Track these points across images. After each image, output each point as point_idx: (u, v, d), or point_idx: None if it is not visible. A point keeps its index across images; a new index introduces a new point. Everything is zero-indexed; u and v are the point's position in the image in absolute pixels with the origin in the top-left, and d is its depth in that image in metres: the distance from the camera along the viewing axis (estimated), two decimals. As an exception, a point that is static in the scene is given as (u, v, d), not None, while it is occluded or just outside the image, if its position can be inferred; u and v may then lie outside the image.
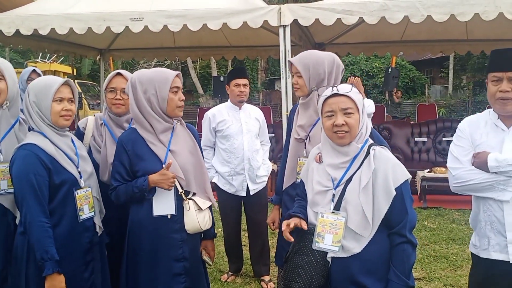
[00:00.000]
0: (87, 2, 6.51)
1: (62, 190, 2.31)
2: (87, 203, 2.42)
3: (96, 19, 6.01)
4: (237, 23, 5.79)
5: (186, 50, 9.88)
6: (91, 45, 9.55)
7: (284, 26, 5.79)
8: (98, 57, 10.22)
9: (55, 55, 12.90)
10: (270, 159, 8.24)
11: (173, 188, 2.45)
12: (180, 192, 2.49)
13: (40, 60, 14.71)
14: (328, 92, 2.09)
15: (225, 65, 20.67)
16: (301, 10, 5.71)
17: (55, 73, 15.45)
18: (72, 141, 2.49)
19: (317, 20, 5.69)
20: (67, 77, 2.63)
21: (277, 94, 20.71)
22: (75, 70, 12.81)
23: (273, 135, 9.38)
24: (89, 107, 13.30)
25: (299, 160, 2.95)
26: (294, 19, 5.73)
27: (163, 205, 2.46)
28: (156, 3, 6.21)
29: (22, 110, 2.54)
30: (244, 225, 4.45)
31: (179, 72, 2.53)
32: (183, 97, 2.55)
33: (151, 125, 2.46)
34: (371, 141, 2.14)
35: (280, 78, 5.96)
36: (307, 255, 2.08)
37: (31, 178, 2.21)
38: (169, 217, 2.46)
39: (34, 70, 4.70)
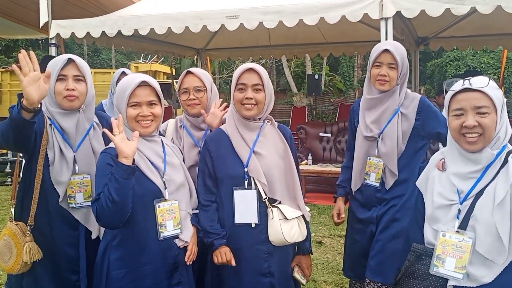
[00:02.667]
0: (184, 1, 6.57)
1: (143, 202, 2.11)
2: (172, 219, 2.16)
3: (193, 18, 6.03)
4: (335, 17, 5.50)
5: (281, 48, 9.72)
6: (189, 45, 9.74)
7: (386, 19, 5.40)
8: (195, 57, 10.40)
9: (156, 55, 13.38)
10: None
11: (255, 194, 2.25)
12: (264, 199, 2.27)
13: (142, 60, 15.37)
14: (458, 86, 1.74)
15: (320, 63, 20.31)
16: (405, 1, 5.29)
17: (155, 73, 16.08)
18: (163, 147, 2.27)
19: (422, 11, 5.25)
20: (167, 78, 2.52)
21: (373, 92, 19.97)
22: (174, 70, 13.21)
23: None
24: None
25: (369, 159, 2.77)
26: (397, 11, 5.33)
27: (245, 213, 2.24)
28: (251, 0, 6.10)
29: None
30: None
31: (251, 67, 2.30)
32: (250, 95, 2.27)
33: (234, 121, 2.35)
34: (510, 147, 1.77)
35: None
36: (423, 280, 1.76)
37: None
38: (253, 226, 2.26)
39: (123, 72, 4.44)
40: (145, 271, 2.09)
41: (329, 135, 9.27)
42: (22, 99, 1.97)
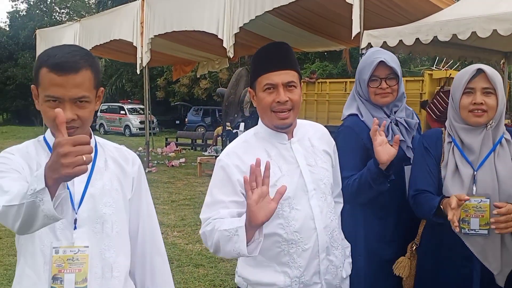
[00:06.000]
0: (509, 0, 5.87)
1: None
2: None
3: (527, 16, 5.32)
4: None
5: None
6: (495, 48, 8.83)
7: None
8: (502, 61, 9.42)
9: (449, 62, 12.68)
10: None
11: None
12: None
13: (435, 67, 14.76)
14: None
15: None
16: None
17: (449, 80, 15.20)
18: None
19: None
20: None
21: None
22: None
23: None
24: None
25: None
26: None
27: None
28: None
29: None
30: None
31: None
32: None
33: None
34: None
35: None
36: None
37: None
38: None
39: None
40: None
41: None
42: None
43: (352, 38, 7.19)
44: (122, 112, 26.36)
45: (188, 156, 14.85)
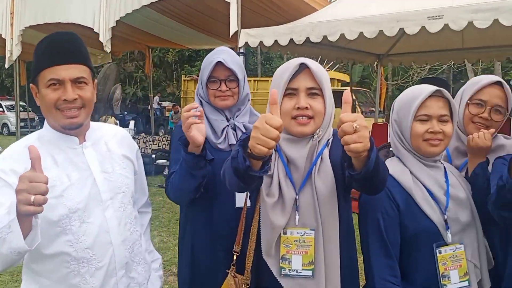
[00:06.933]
0: (378, 3, 6.09)
1: (418, 244, 1.68)
2: (456, 268, 1.69)
3: (389, 20, 5.53)
4: None
5: (476, 51, 8.64)
6: (369, 50, 9.24)
7: None
8: (375, 63, 9.88)
9: (331, 62, 13.11)
10: None
11: None
12: None
13: (317, 68, 15.34)
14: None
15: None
16: None
17: (330, 81, 15.81)
18: (446, 176, 1.79)
19: None
20: (341, 85, 2.04)
21: None
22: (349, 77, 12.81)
23: None
24: (363, 115, 13.25)
25: None
26: None
27: None
28: (457, -3, 5.39)
29: None
30: None
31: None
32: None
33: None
34: None
35: None
36: None
37: (377, 217, 1.68)
38: None
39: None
40: None
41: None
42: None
43: (230, 36, 7.06)
44: (-1, 109, 24.32)
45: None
